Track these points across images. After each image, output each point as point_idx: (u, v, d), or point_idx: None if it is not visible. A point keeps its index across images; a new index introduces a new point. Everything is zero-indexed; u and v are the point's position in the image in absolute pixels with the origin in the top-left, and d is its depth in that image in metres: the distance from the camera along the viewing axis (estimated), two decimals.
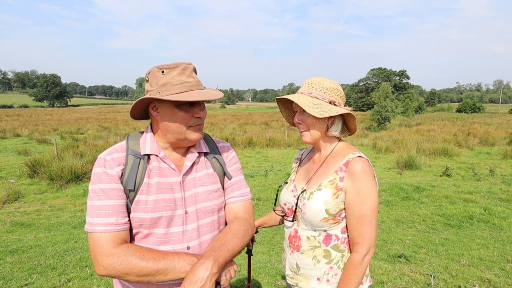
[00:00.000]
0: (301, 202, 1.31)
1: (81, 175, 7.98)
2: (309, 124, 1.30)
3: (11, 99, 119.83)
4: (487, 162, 10.18)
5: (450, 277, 3.16)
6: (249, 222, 1.20)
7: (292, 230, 1.38)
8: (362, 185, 1.20)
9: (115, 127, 24.23)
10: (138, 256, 0.97)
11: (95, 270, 0.98)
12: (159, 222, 1.06)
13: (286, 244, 1.43)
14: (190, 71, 1.09)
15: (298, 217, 1.34)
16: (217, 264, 0.97)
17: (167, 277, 0.97)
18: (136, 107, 1.11)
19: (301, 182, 1.41)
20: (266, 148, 14.17)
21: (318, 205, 1.24)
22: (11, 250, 4.03)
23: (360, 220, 1.20)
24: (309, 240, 1.31)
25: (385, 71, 76.89)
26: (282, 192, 1.47)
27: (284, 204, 1.42)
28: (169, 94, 1.03)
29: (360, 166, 1.21)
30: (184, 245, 1.09)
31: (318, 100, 1.28)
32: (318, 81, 1.32)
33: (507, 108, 77.86)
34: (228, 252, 1.03)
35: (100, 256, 0.96)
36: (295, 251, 1.36)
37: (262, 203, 6.29)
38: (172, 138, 1.11)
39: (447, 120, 31.72)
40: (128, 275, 0.95)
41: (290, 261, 1.39)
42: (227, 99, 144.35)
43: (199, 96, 1.04)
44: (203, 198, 1.15)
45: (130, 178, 1.05)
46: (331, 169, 1.29)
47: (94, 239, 0.98)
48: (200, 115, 1.10)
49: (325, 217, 1.24)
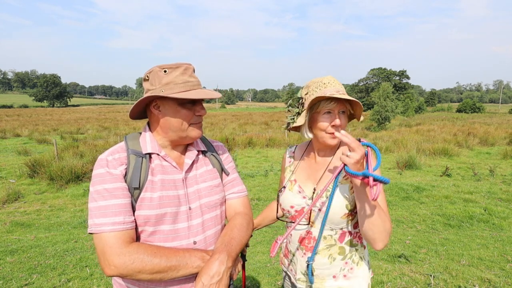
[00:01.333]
0: (319, 201, 1.28)
1: (81, 175, 7.98)
2: (344, 125, 1.27)
3: (11, 99, 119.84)
4: (487, 162, 10.18)
5: (450, 277, 3.17)
6: (249, 216, 1.27)
7: (303, 232, 1.33)
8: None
9: (115, 127, 24.23)
10: (150, 253, 0.98)
11: (104, 270, 0.97)
12: (164, 219, 1.08)
13: (295, 247, 1.37)
14: (191, 72, 1.14)
15: (312, 217, 1.31)
16: (231, 258, 1.03)
17: (180, 273, 0.99)
18: (138, 106, 1.14)
19: (306, 183, 1.36)
20: (266, 148, 14.18)
21: (340, 202, 1.23)
22: (11, 250, 4.03)
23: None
24: (326, 240, 1.29)
25: (385, 71, 76.86)
26: (286, 195, 1.40)
27: (291, 207, 1.36)
28: (173, 92, 1.06)
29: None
30: (191, 240, 1.12)
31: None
32: (334, 79, 1.28)
33: (507, 108, 77.85)
34: (238, 245, 1.09)
35: (111, 255, 0.95)
36: (308, 253, 1.31)
37: (262, 203, 6.29)
38: (173, 135, 1.14)
39: (447, 120, 31.72)
40: (141, 273, 0.96)
41: (302, 264, 1.34)
42: (227, 99, 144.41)
43: (202, 94, 1.09)
44: (205, 193, 1.19)
45: (134, 176, 1.06)
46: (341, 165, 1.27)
47: (103, 239, 0.97)
48: (201, 113, 1.15)
49: (346, 213, 1.24)
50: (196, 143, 1.26)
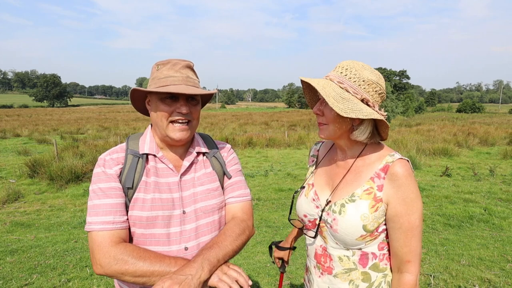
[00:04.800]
0: (330, 216, 1.08)
1: (81, 175, 7.97)
2: (331, 119, 1.06)
3: (11, 99, 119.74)
4: (487, 162, 10.17)
5: (450, 277, 3.16)
6: (246, 222, 1.17)
7: (319, 248, 1.15)
8: (408, 192, 1.00)
9: (115, 127, 24.20)
10: (135, 256, 0.96)
11: (93, 268, 0.98)
12: (156, 222, 1.06)
13: (312, 264, 1.19)
14: (180, 67, 1.11)
15: (324, 232, 1.12)
16: (208, 262, 0.95)
17: None
18: (136, 102, 1.19)
19: (323, 189, 1.18)
20: (266, 148, 14.16)
21: (354, 221, 1.02)
22: (11, 250, 4.03)
23: (409, 234, 1.01)
24: (342, 261, 1.09)
25: (385, 71, 76.76)
26: (300, 200, 1.23)
27: (305, 216, 1.19)
28: (155, 87, 1.07)
29: (404, 170, 1.01)
30: (182, 245, 1.09)
31: (348, 93, 1.02)
32: (355, 67, 1.03)
33: (507, 108, 77.84)
34: (221, 251, 1.00)
35: (98, 254, 0.96)
36: (325, 273, 1.13)
37: (262, 203, 6.28)
38: (159, 133, 1.13)
39: (447, 120, 31.71)
40: (124, 275, 0.95)
41: (319, 284, 1.16)
42: (227, 99, 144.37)
43: (176, 89, 1.03)
44: (202, 197, 1.15)
45: (128, 176, 1.06)
46: (365, 175, 1.07)
47: (93, 237, 0.99)
48: (181, 110, 1.07)
49: (363, 234, 1.03)
50: (197, 144, 1.22)
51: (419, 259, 1.03)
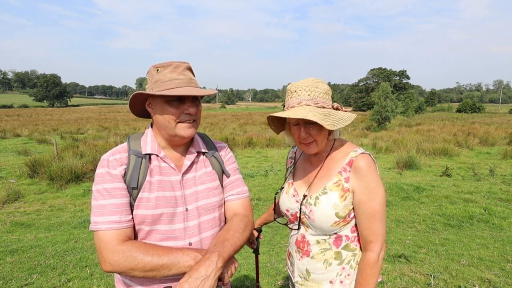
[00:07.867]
0: (307, 208, 1.25)
1: (81, 175, 7.97)
2: (317, 135, 1.20)
3: (11, 99, 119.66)
4: (487, 162, 10.18)
5: (450, 277, 3.16)
6: (248, 218, 1.24)
7: (299, 235, 1.32)
8: (369, 182, 1.16)
9: (115, 127, 24.22)
10: (142, 251, 0.99)
11: (101, 267, 1.01)
12: (160, 219, 1.09)
13: (294, 250, 1.36)
14: (182, 69, 1.13)
15: (305, 223, 1.29)
16: (222, 259, 1.01)
17: (172, 272, 1.00)
18: (135, 105, 1.18)
19: (301, 185, 1.34)
20: (266, 148, 14.18)
21: (327, 210, 1.19)
22: (11, 250, 4.03)
23: (371, 218, 1.17)
24: (319, 244, 1.26)
25: (385, 71, 76.90)
26: (282, 198, 1.40)
27: (287, 211, 1.35)
28: (159, 90, 1.08)
29: (365, 162, 1.17)
30: (186, 241, 1.13)
31: (326, 109, 1.18)
32: (313, 84, 1.19)
33: (507, 108, 77.87)
34: (231, 247, 1.07)
35: (106, 253, 0.99)
36: (304, 256, 1.30)
37: (262, 203, 6.29)
38: (165, 134, 1.15)
39: (447, 120, 31.74)
40: (134, 271, 0.98)
41: (299, 266, 1.33)
42: (227, 99, 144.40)
43: (185, 91, 1.07)
44: (203, 195, 1.19)
45: (133, 176, 1.09)
46: (334, 170, 1.24)
47: (100, 237, 1.01)
48: (189, 112, 1.11)
49: (336, 221, 1.19)
50: (197, 144, 1.25)
51: (382, 240, 1.18)
